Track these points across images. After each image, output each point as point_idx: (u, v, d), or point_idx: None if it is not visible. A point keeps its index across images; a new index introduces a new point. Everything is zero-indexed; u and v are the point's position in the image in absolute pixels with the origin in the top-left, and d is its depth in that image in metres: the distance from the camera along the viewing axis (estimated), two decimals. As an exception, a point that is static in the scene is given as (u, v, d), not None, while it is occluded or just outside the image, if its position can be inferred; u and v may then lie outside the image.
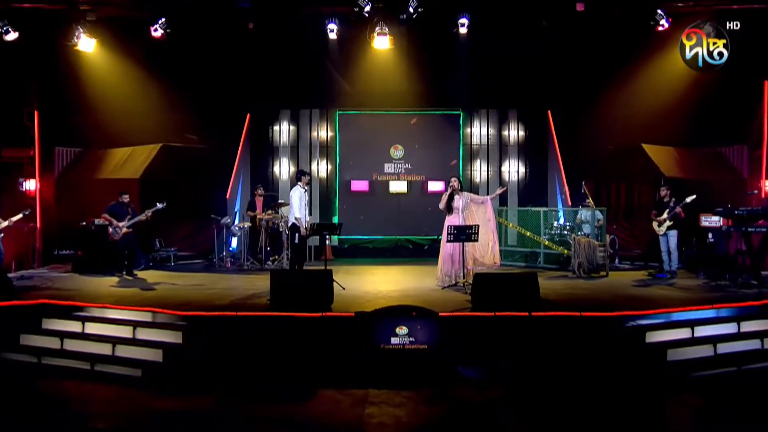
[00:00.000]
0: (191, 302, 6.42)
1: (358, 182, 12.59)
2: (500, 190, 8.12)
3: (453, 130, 12.75)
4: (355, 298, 6.76)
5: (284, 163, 12.64)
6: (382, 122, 12.71)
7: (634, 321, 5.71)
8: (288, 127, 12.69)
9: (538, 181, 12.51)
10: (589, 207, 9.69)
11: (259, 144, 12.57)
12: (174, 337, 5.62)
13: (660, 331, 5.66)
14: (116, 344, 5.64)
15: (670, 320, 5.85)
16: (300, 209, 7.79)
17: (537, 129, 12.50)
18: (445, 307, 6.05)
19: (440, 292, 7.34)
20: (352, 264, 10.80)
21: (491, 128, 12.75)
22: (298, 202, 7.82)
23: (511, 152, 12.71)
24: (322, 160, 12.72)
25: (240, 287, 7.74)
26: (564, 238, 9.80)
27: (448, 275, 7.75)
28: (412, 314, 5.40)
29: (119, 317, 5.95)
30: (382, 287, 7.74)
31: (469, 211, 7.87)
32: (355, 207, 12.57)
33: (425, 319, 5.40)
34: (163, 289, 7.53)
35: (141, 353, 5.53)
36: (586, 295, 7.07)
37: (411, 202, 12.54)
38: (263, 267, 9.82)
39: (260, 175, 12.42)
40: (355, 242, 12.53)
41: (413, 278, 8.75)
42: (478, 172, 12.76)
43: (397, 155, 12.65)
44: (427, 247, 12.40)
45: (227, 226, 10.17)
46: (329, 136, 12.73)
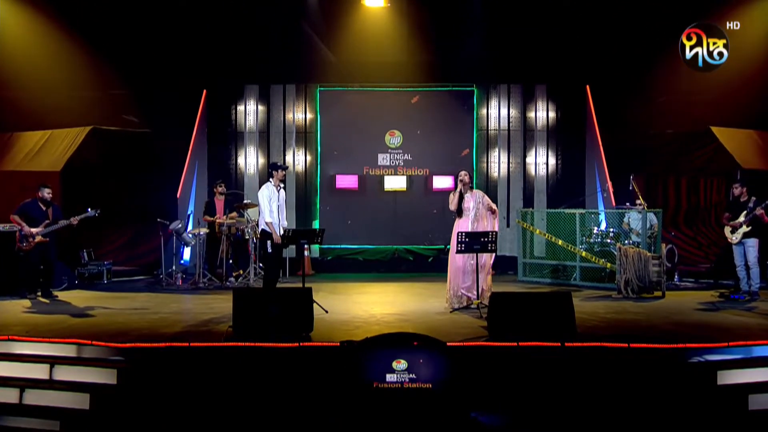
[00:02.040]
0: (130, 331, 6.38)
1: (344, 177, 12.62)
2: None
3: (465, 112, 12.81)
4: (340, 324, 6.75)
5: (251, 153, 12.66)
6: (375, 101, 12.74)
7: (701, 356, 5.59)
8: (255, 108, 12.71)
9: (573, 175, 12.60)
10: (639, 208, 9.74)
11: (219, 129, 12.60)
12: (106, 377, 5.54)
13: (737, 370, 5.49)
14: (25, 389, 5.45)
15: (752, 356, 5.65)
16: (270, 212, 7.80)
17: (572, 109, 12.59)
18: (455, 336, 6.08)
19: (448, 316, 7.35)
20: (337, 280, 10.80)
21: (513, 108, 12.81)
22: (267, 203, 7.83)
23: (539, 139, 12.77)
24: (299, 150, 12.73)
25: (194, 311, 7.73)
26: (606, 248, 9.82)
27: (458, 295, 7.77)
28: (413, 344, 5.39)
29: (31, 352, 5.80)
30: (375, 310, 7.74)
31: (481, 213, 7.92)
32: (341, 208, 12.58)
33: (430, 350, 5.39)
34: (92, 314, 7.49)
35: (60, 399, 5.38)
36: (636, 321, 7.08)
37: (411, 203, 12.59)
38: (224, 285, 9.82)
39: (220, 169, 12.44)
40: (340, 253, 12.55)
41: (414, 299, 8.74)
42: (495, 164, 12.81)
43: (394, 143, 12.68)
44: (432, 259, 12.44)
45: (178, 232, 10.15)
46: (308, 119, 12.75)
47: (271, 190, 7.89)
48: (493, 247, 7.44)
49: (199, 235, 10.04)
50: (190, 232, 10.38)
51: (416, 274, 11.92)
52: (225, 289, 9.53)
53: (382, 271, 12.25)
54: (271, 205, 7.84)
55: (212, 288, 9.72)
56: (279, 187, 7.93)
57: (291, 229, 7.62)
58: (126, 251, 11.60)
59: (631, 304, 8.23)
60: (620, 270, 8.97)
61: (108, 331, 6.37)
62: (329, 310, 7.50)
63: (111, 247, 11.46)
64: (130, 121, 11.67)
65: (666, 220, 10.92)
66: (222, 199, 10.50)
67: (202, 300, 8.58)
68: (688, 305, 8.14)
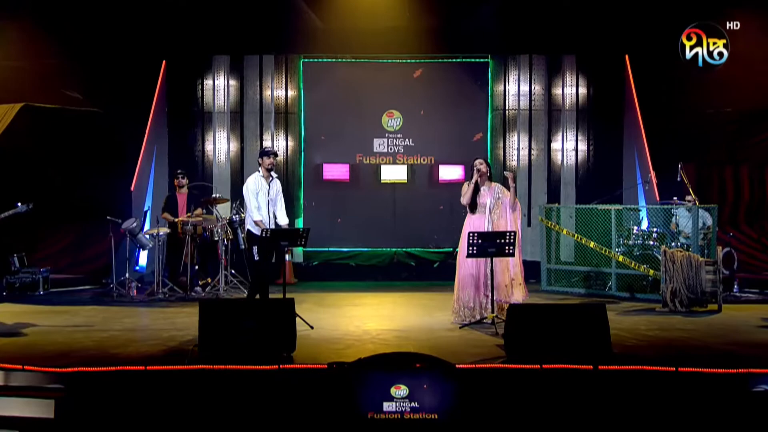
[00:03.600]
0: (71, 352, 6.34)
1: (333, 167, 12.62)
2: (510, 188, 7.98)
3: (477, 88, 12.82)
4: (328, 342, 6.76)
5: (221, 137, 12.66)
6: (370, 75, 12.74)
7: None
8: (226, 83, 12.69)
9: (608, 164, 12.64)
10: (689, 204, 9.73)
11: (182, 108, 12.61)
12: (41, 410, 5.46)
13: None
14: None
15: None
16: (258, 209, 7.87)
17: (607, 84, 12.61)
18: (466, 356, 6.07)
19: (457, 332, 7.37)
20: (325, 290, 10.81)
21: (536, 84, 12.83)
22: (253, 197, 7.87)
23: (566, 120, 12.79)
24: (279, 134, 12.72)
25: (151, 327, 7.72)
26: (648, 251, 9.83)
27: (470, 307, 7.79)
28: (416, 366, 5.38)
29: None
30: (370, 325, 7.76)
31: (499, 210, 7.93)
32: (329, 204, 12.58)
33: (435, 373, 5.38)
34: (23, 332, 7.42)
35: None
36: (686, 339, 7.09)
37: (413, 197, 12.62)
38: (188, 296, 9.84)
39: (184, 156, 12.45)
40: (328, 257, 12.57)
41: (417, 312, 8.76)
42: (514, 150, 12.84)
43: (393, 126, 12.67)
44: (438, 264, 12.47)
45: (132, 233, 10.13)
46: (290, 97, 12.75)
47: (257, 181, 7.92)
48: (511, 250, 7.44)
49: (157, 236, 10.02)
50: (147, 232, 10.36)
51: (419, 282, 11.92)
52: (189, 300, 9.53)
53: (379, 279, 12.26)
54: (259, 199, 7.86)
55: (174, 299, 9.72)
56: (270, 178, 7.95)
57: (269, 229, 7.60)
58: (68, 256, 11.58)
59: (679, 320, 8.23)
60: (666, 278, 8.96)
61: (44, 352, 6.32)
62: (315, 325, 7.50)
63: (49, 251, 11.44)
64: (73, 98, 11.60)
65: (723, 217, 10.95)
66: (186, 192, 10.49)
67: (162, 314, 8.57)
68: (750, 321, 8.11)
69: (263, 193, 7.91)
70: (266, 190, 7.93)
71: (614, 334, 6.30)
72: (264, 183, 7.93)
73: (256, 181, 7.94)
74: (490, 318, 7.46)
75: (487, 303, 7.68)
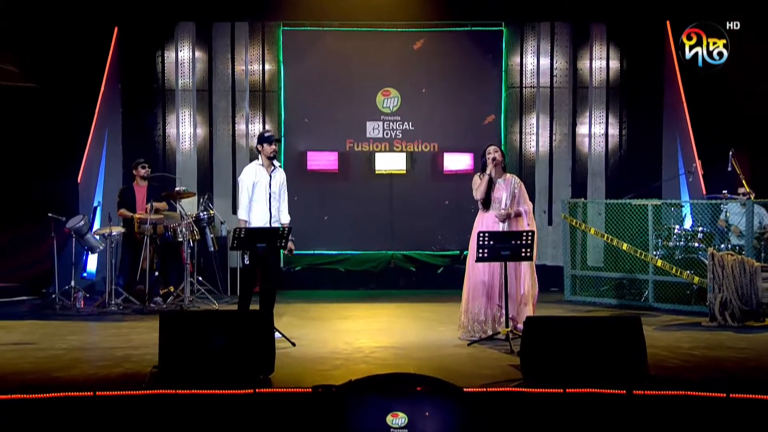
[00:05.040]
0: (5, 376, 6.31)
1: (319, 155, 12.64)
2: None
3: (489, 62, 12.83)
4: (313, 362, 6.77)
5: (186, 119, 12.67)
6: (362, 47, 12.76)
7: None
8: (191, 55, 12.67)
9: (645, 151, 12.67)
10: (742, 198, 9.72)
11: (139, 85, 12.59)
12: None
13: None
14: None
15: None
16: (249, 205, 7.93)
17: (643, 57, 12.63)
18: (475, 378, 6.07)
19: (465, 349, 7.39)
20: (309, 300, 10.83)
21: (559, 57, 12.85)
22: (246, 191, 7.92)
23: (595, 100, 12.83)
24: (254, 115, 12.73)
25: (102, 345, 7.70)
26: (693, 254, 9.84)
27: (480, 320, 7.80)
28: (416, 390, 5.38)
29: None
30: (363, 341, 7.77)
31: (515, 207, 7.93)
32: (315, 199, 12.58)
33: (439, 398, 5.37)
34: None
35: None
36: (738, 360, 7.08)
37: (414, 191, 12.64)
38: (147, 307, 9.82)
39: (142, 142, 12.44)
40: (313, 262, 12.59)
41: (418, 326, 8.79)
42: (532, 136, 12.87)
43: (390, 106, 12.69)
44: (443, 270, 12.50)
45: (79, 233, 10.10)
46: (267, 72, 12.76)
47: (255, 171, 7.94)
48: (529, 253, 7.43)
49: (110, 237, 9.98)
50: (97, 232, 10.32)
51: (420, 291, 11.92)
52: (148, 313, 9.50)
53: (373, 287, 12.26)
54: (257, 194, 7.88)
55: (129, 312, 9.68)
56: (273, 167, 7.97)
57: (243, 228, 7.60)
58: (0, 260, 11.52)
59: (730, 336, 8.22)
60: (714, 287, 8.96)
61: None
62: (297, 342, 7.49)
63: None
64: (6, 72, 11.56)
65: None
66: (144, 185, 10.46)
67: (115, 329, 8.55)
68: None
69: (263, 185, 7.89)
70: (267, 182, 7.91)
71: (651, 353, 6.29)
72: (264, 173, 7.92)
73: (254, 172, 7.92)
74: (504, 333, 7.45)
75: (500, 316, 7.67)
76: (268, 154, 7.95)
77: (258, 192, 7.93)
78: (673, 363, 6.77)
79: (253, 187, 7.93)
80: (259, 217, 7.95)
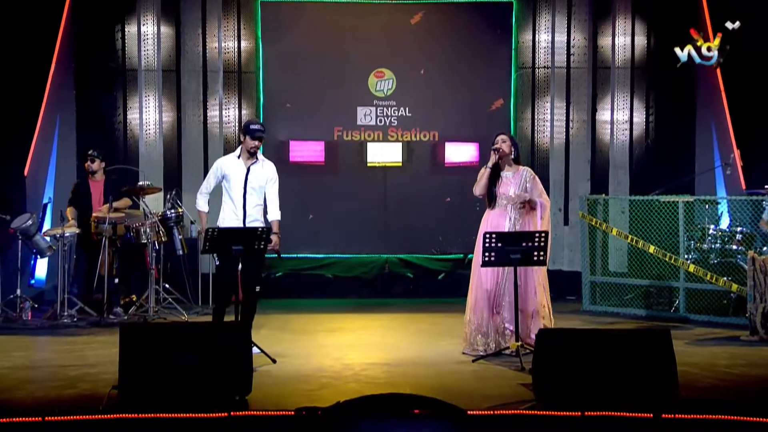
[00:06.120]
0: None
1: (302, 145, 12.63)
2: None
3: (497, 38, 12.84)
4: (296, 381, 6.76)
5: (150, 104, 12.64)
6: (352, 22, 12.75)
7: None
8: (156, 30, 12.65)
9: (675, 140, 12.66)
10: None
11: (95, 64, 12.53)
12: None
13: None
14: None
15: None
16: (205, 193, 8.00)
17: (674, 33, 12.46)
18: (481, 399, 6.06)
19: (469, 366, 7.39)
20: (291, 310, 10.84)
21: (577, 33, 12.87)
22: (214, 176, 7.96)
23: (618, 82, 12.84)
24: (229, 99, 12.73)
25: (53, 363, 7.66)
26: (731, 258, 9.82)
27: (484, 333, 7.79)
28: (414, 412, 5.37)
29: None
30: (353, 358, 7.76)
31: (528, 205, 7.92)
32: (298, 195, 12.52)
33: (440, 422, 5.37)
34: None
35: None
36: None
37: (411, 186, 12.64)
38: (105, 319, 9.77)
39: (98, 130, 12.37)
40: (296, 266, 12.59)
41: (415, 339, 8.79)
42: (546, 122, 12.88)
43: (384, 90, 12.69)
44: (444, 276, 12.49)
45: (26, 234, 10.07)
46: (243, 50, 12.76)
47: (230, 162, 7.94)
48: (542, 257, 7.42)
49: (62, 238, 9.94)
50: (48, 232, 10.27)
51: (419, 300, 11.91)
52: (106, 326, 9.45)
53: (364, 295, 12.26)
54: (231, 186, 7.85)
55: (85, 325, 9.62)
56: (254, 161, 7.94)
57: (214, 228, 7.58)
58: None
59: (772, 352, 8.26)
60: (755, 295, 8.95)
61: None
62: (278, 358, 7.49)
63: None
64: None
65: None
66: (102, 179, 10.42)
67: (68, 345, 8.50)
68: None
69: (238, 179, 7.84)
70: (242, 175, 7.86)
71: (683, 371, 6.27)
72: (241, 166, 7.88)
73: (229, 161, 7.95)
74: (513, 348, 7.44)
75: (505, 328, 7.68)
76: (248, 148, 7.93)
77: (232, 187, 7.89)
78: (707, 383, 6.76)
79: (225, 180, 7.90)
80: (231, 216, 7.91)
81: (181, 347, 6.11)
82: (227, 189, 7.94)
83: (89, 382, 6.72)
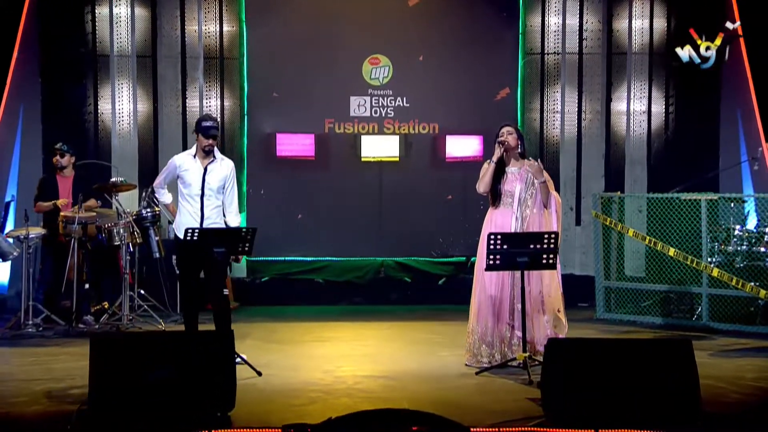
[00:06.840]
0: None
1: (291, 138, 12.64)
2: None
3: (502, 22, 12.88)
4: (283, 395, 6.78)
5: (123, 93, 12.65)
6: (344, 4, 12.76)
7: None
8: (130, 12, 12.64)
9: (697, 133, 12.68)
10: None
11: (63, 49, 12.53)
12: None
13: None
14: None
15: None
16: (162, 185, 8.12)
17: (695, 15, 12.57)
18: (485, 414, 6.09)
19: (473, 379, 7.41)
20: (278, 318, 10.87)
21: (590, 16, 12.89)
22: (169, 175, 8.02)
23: (635, 70, 12.87)
24: (210, 88, 12.74)
25: (17, 377, 7.67)
26: (759, 261, 9.84)
27: (489, 343, 7.81)
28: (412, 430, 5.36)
29: None
30: (345, 370, 7.79)
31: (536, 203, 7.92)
32: (286, 193, 12.61)
33: (442, 442, 5.36)
34: None
35: None
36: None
37: (409, 183, 12.67)
38: (74, 328, 9.78)
39: (66, 121, 12.38)
40: (284, 271, 12.61)
41: (414, 350, 8.82)
42: (556, 113, 12.91)
43: (379, 78, 12.71)
44: (446, 280, 12.53)
45: (-13, 236, 10.08)
46: (226, 34, 12.77)
47: (185, 161, 7.97)
48: (552, 260, 7.43)
49: (26, 240, 9.92)
50: (11, 234, 10.27)
51: (417, 307, 11.94)
52: (76, 336, 9.46)
53: (357, 301, 12.29)
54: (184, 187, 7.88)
55: (52, 335, 9.64)
56: (212, 159, 7.96)
57: (194, 229, 7.57)
58: None
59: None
60: (783, 302, 9.01)
61: None
62: (264, 370, 7.49)
63: None
64: None
65: None
66: (71, 175, 10.43)
67: (33, 356, 8.52)
68: None
69: (194, 179, 7.88)
70: (198, 174, 7.89)
71: (706, 384, 6.29)
72: (197, 166, 7.91)
73: (183, 160, 7.98)
74: (520, 359, 7.44)
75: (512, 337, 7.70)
76: (202, 146, 7.94)
77: (189, 187, 7.90)
78: (733, 397, 6.76)
79: (181, 180, 7.93)
80: (189, 218, 7.91)
81: (158, 359, 6.10)
82: (183, 190, 7.95)
83: (56, 398, 6.72)
